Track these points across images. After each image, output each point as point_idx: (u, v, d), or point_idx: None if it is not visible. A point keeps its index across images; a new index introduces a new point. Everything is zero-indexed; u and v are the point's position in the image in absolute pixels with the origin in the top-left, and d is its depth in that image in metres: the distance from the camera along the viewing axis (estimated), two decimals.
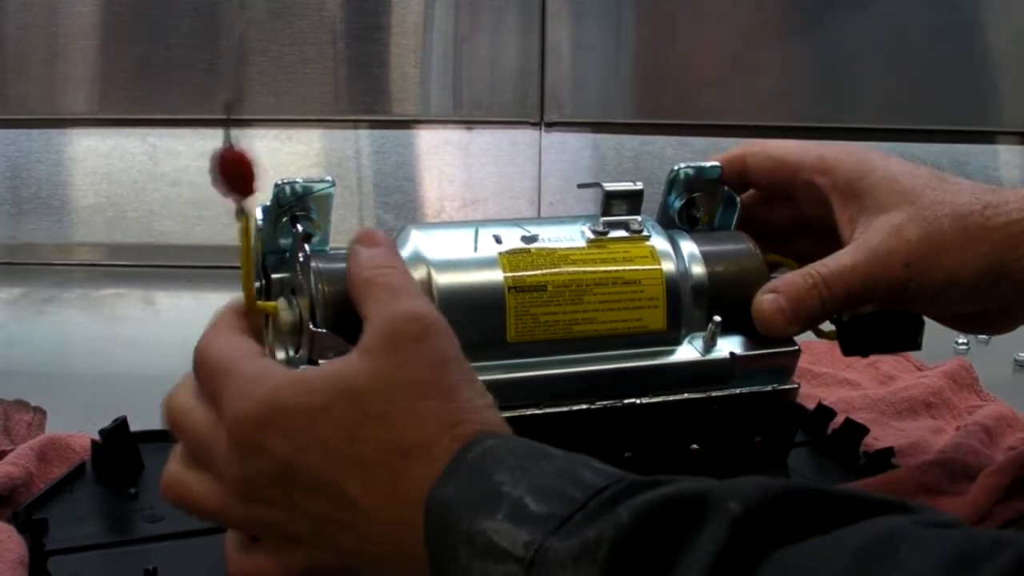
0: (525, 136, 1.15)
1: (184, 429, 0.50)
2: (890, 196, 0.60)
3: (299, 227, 0.57)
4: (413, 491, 0.45)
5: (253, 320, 0.54)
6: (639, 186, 0.61)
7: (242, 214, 0.51)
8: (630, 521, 0.38)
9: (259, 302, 0.56)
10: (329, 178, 0.57)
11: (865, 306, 0.61)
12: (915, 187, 0.60)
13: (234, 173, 0.50)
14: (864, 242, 0.59)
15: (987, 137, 1.15)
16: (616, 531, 0.37)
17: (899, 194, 0.60)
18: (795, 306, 0.59)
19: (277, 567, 0.49)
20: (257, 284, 0.59)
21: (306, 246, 0.56)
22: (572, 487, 0.41)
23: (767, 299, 0.59)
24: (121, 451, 0.64)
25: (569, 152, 1.16)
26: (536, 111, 1.14)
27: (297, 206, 0.57)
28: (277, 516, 0.48)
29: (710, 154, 0.66)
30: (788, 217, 0.67)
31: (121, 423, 0.64)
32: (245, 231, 0.52)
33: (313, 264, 0.55)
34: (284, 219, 0.57)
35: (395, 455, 0.46)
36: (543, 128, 1.15)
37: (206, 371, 0.50)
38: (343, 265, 0.55)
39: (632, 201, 0.61)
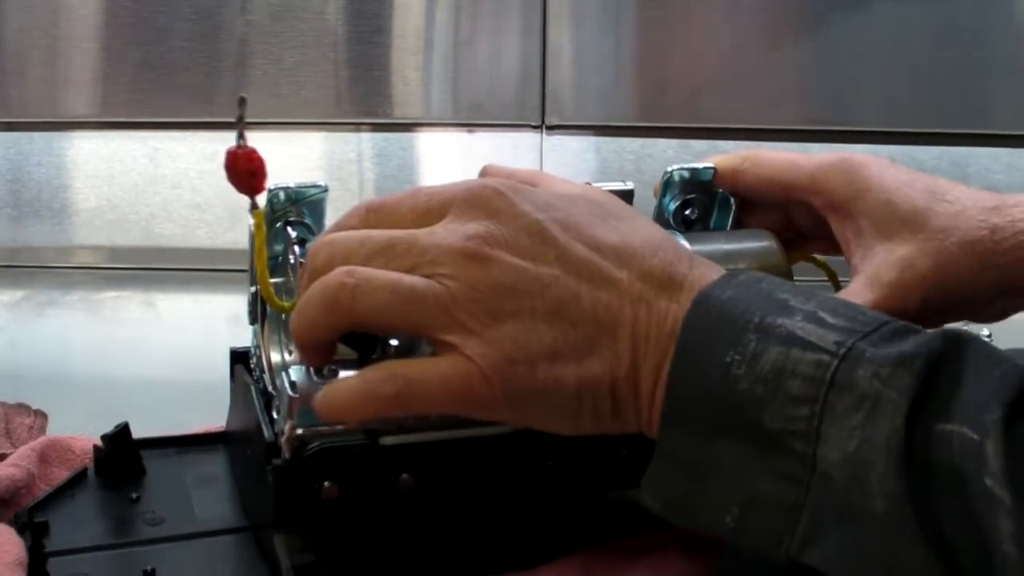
0: (526, 139, 1.15)
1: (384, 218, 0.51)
2: (891, 222, 0.60)
3: (293, 232, 0.57)
4: (660, 270, 0.48)
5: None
6: (630, 186, 0.61)
7: (255, 210, 0.52)
8: (938, 350, 0.42)
9: (276, 300, 0.56)
10: (322, 183, 0.57)
11: None
12: (915, 210, 0.59)
13: (244, 170, 0.50)
14: (878, 277, 0.59)
15: (988, 140, 1.15)
16: (929, 352, 0.42)
17: (901, 220, 0.59)
18: None
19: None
20: (252, 289, 0.59)
21: (297, 250, 0.56)
22: (859, 314, 0.45)
23: None
24: (123, 456, 0.64)
25: (570, 155, 1.16)
26: (537, 114, 1.14)
27: (291, 211, 0.57)
28: (508, 278, 0.47)
29: (707, 156, 0.66)
30: (781, 224, 0.67)
31: (123, 429, 0.64)
32: (259, 227, 0.52)
33: None
34: (278, 224, 0.57)
35: (644, 247, 0.48)
36: (544, 131, 1.15)
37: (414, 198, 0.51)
38: None
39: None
